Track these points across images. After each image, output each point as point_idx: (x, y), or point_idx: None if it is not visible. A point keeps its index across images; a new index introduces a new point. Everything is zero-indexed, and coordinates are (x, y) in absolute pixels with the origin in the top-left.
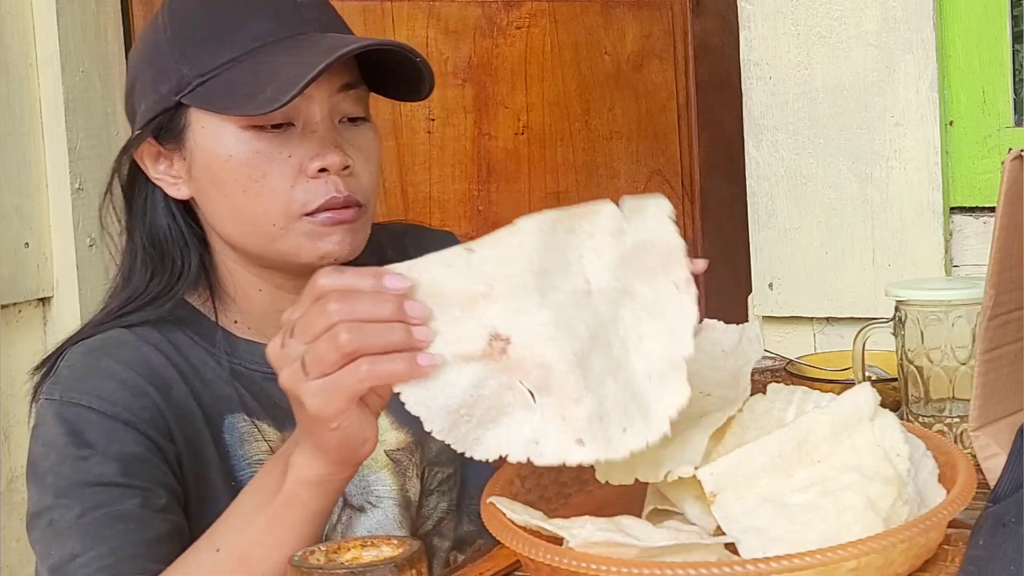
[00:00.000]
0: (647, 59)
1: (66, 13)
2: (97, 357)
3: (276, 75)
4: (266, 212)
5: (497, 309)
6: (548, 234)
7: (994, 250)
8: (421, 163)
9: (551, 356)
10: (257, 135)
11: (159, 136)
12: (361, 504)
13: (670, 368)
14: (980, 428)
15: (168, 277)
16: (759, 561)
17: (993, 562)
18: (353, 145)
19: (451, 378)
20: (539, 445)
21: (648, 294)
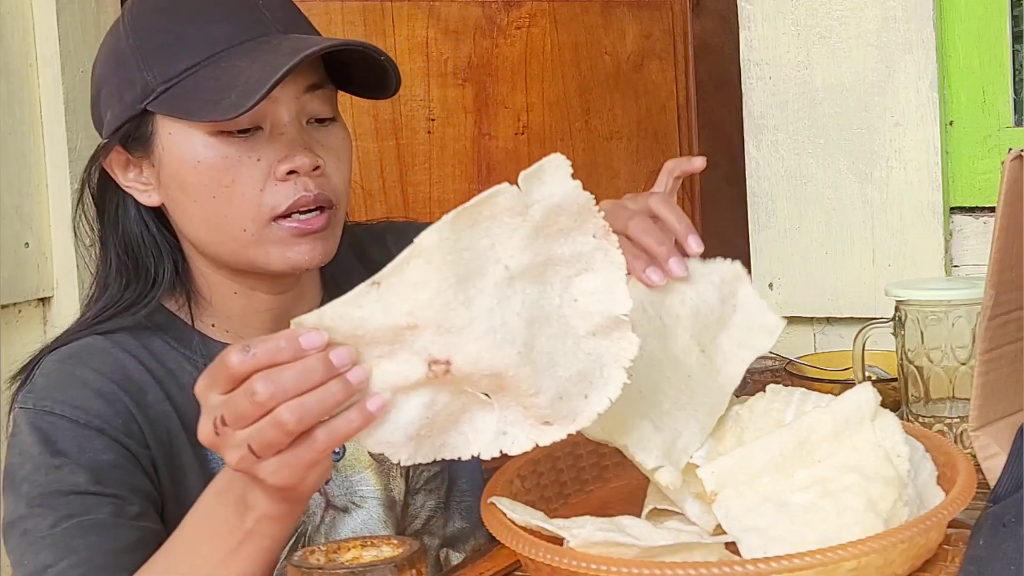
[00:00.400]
0: (647, 59)
1: (66, 13)
2: (71, 365)
3: (238, 80)
4: (236, 217)
5: (428, 335)
6: (451, 239)
7: (994, 250)
8: (421, 163)
9: (496, 364)
10: (225, 140)
11: (127, 144)
12: (345, 505)
13: (612, 323)
14: (980, 428)
15: (143, 284)
16: (759, 561)
17: (993, 562)
18: (323, 145)
19: (402, 409)
20: (507, 435)
21: (569, 253)
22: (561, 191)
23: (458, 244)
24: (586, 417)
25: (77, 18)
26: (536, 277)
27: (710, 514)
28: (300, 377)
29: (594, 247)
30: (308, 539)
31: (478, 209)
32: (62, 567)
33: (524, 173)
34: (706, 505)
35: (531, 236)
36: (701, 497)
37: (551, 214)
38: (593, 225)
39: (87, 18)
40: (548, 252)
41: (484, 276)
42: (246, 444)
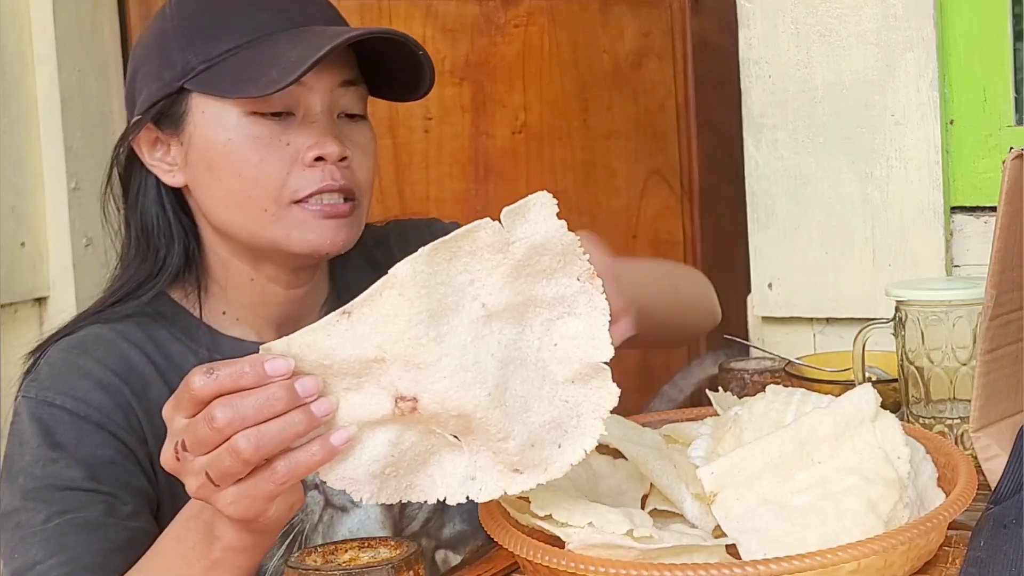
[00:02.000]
0: (646, 58)
1: (62, 12)
2: (75, 355)
3: (279, 59)
4: (258, 197)
5: (395, 370)
6: (427, 272)
7: (995, 250)
8: (418, 162)
9: (465, 405)
10: (257, 121)
11: (159, 122)
12: (343, 504)
13: (592, 371)
14: (981, 429)
15: (151, 267)
16: (758, 563)
17: (993, 564)
18: (351, 140)
19: (367, 445)
20: (476, 480)
21: (551, 295)
22: (545, 230)
23: (433, 278)
24: (558, 468)
25: (73, 17)
26: (515, 318)
27: (709, 515)
28: (261, 405)
29: (578, 291)
30: (305, 538)
31: (457, 243)
32: (50, 564)
33: (507, 209)
34: (705, 506)
35: (512, 275)
36: (700, 498)
37: (533, 253)
38: (578, 268)
39: (83, 17)
40: (529, 292)
41: (459, 312)
42: (204, 471)
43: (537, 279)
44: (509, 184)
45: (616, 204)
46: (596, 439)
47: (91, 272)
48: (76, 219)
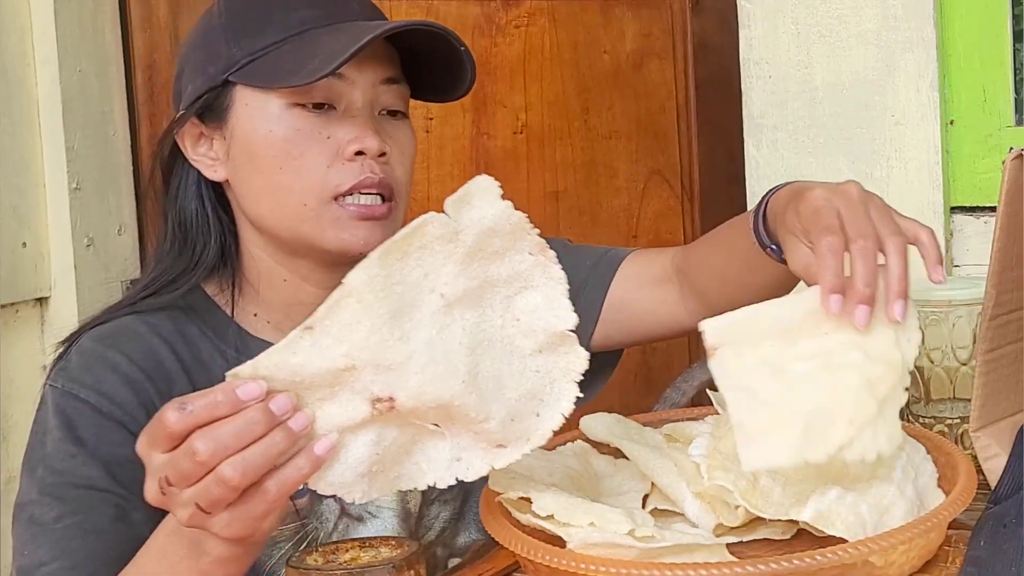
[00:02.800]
0: (646, 58)
1: (64, 13)
2: (105, 346)
3: (320, 50)
4: (299, 190)
5: (367, 375)
6: (381, 275)
7: (995, 250)
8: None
9: (442, 395)
10: (298, 114)
11: (203, 116)
12: (360, 514)
13: (558, 339)
14: (981, 429)
15: (187, 261)
16: (758, 562)
17: (994, 563)
18: (391, 137)
19: (350, 448)
20: (462, 461)
21: (506, 274)
22: (492, 213)
23: (389, 279)
24: (541, 435)
25: (75, 18)
26: (474, 302)
27: (709, 514)
28: (241, 431)
29: (532, 264)
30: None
31: (407, 241)
32: (54, 567)
33: (450, 199)
34: (705, 505)
35: (465, 261)
36: (701, 497)
37: (484, 237)
38: (528, 243)
39: (84, 18)
40: (484, 275)
41: (420, 308)
42: (193, 503)
43: (490, 261)
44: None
45: (617, 204)
46: (572, 402)
47: (92, 272)
48: (77, 219)
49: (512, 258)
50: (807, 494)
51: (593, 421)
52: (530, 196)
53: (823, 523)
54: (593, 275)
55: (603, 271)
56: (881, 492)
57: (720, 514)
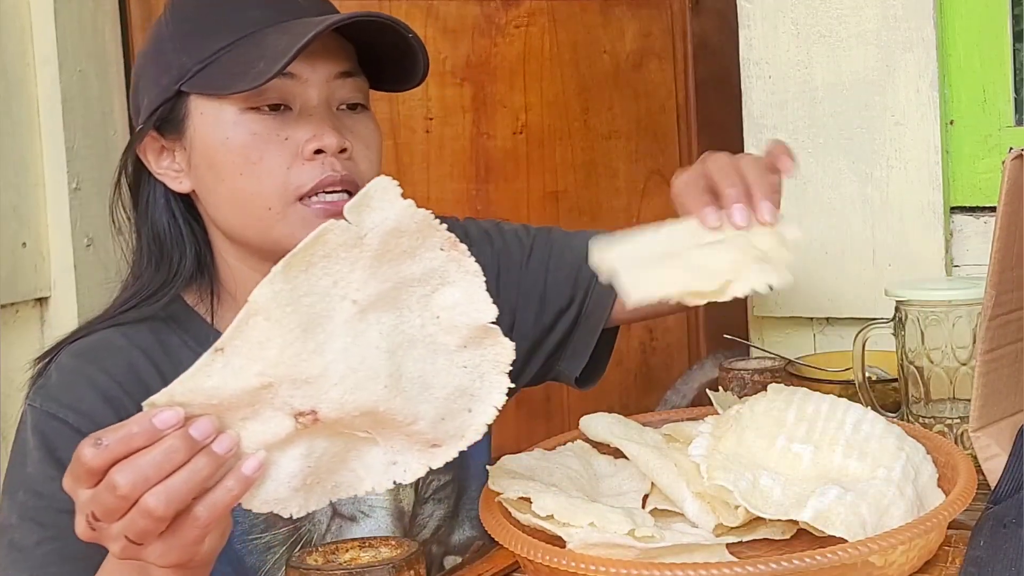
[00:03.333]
0: (646, 58)
1: (64, 12)
2: (84, 362)
3: (267, 51)
4: (262, 195)
5: (285, 390)
6: (287, 290)
7: (995, 250)
8: (419, 163)
9: (364, 403)
10: (254, 117)
11: (161, 129)
12: (352, 514)
13: (482, 333)
14: (981, 429)
15: (166, 273)
16: (758, 562)
17: (993, 563)
18: (352, 131)
19: (280, 464)
20: (398, 464)
21: (420, 272)
22: (394, 213)
23: (295, 292)
24: (475, 431)
25: (75, 18)
26: (390, 304)
27: (709, 514)
28: (161, 461)
29: (445, 260)
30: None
31: (309, 251)
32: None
33: (349, 204)
34: (705, 505)
35: (374, 265)
36: (701, 496)
37: (390, 238)
38: (438, 239)
39: (84, 18)
40: (397, 276)
41: (332, 317)
42: (123, 536)
43: (401, 261)
44: (510, 184)
45: (617, 204)
46: (504, 394)
47: (92, 272)
48: (77, 219)
49: (423, 256)
50: (807, 494)
51: (593, 421)
52: (530, 196)
53: (823, 523)
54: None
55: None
56: (881, 492)
57: (720, 514)
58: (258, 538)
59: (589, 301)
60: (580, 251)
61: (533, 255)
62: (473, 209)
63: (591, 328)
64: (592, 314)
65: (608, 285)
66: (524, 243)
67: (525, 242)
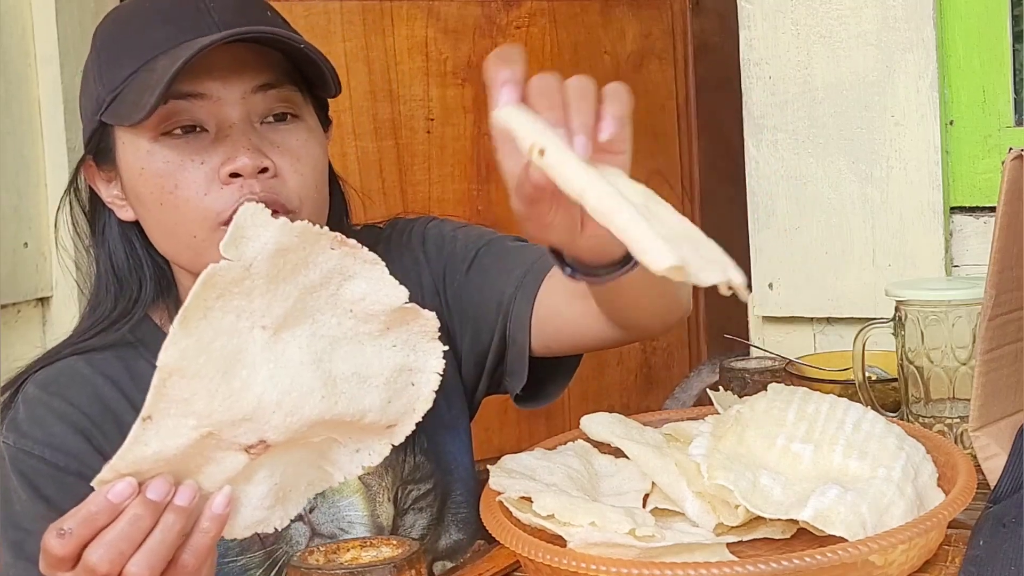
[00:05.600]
0: (647, 59)
1: (65, 12)
2: (49, 395)
3: (154, 79)
4: (184, 223)
5: (227, 433)
6: (192, 343)
7: (994, 250)
8: (420, 163)
9: (309, 418)
10: (167, 144)
11: (98, 159)
12: (332, 532)
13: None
14: (980, 428)
15: (126, 302)
16: (759, 562)
17: (993, 562)
18: (278, 146)
19: (248, 492)
20: (361, 451)
21: (319, 276)
22: (272, 236)
23: (201, 341)
24: (424, 400)
25: (76, 18)
26: (300, 317)
27: (710, 514)
28: (130, 531)
29: (340, 257)
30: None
31: (201, 298)
32: None
33: (223, 243)
34: (706, 504)
35: (270, 288)
36: (701, 496)
37: (276, 259)
38: (326, 241)
39: (86, 17)
40: (297, 289)
41: (247, 350)
42: None
43: (296, 274)
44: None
45: None
46: (441, 357)
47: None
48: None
49: (316, 260)
50: (807, 494)
51: (593, 421)
52: None
53: (823, 523)
54: (522, 288)
55: (530, 283)
56: (881, 491)
57: (720, 513)
58: (233, 561)
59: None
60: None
61: (472, 269)
62: (474, 209)
63: (518, 352)
64: (515, 340)
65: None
66: (467, 255)
67: (468, 254)
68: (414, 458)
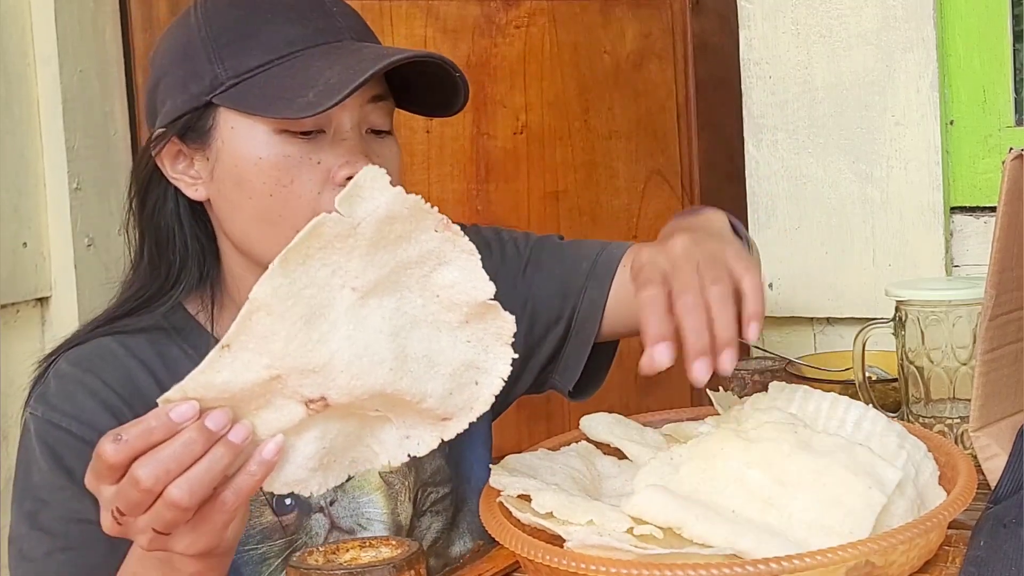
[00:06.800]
0: (646, 58)
1: (64, 12)
2: (82, 371)
3: (316, 80)
4: (290, 216)
5: (294, 380)
6: (286, 284)
7: (994, 250)
8: (420, 163)
9: (372, 387)
10: (287, 140)
11: (183, 135)
12: (351, 527)
13: (482, 309)
14: (981, 429)
15: (164, 282)
16: (758, 562)
17: (993, 563)
18: (379, 156)
19: (296, 447)
20: (411, 438)
21: (416, 254)
22: (385, 201)
23: (295, 285)
24: (483, 402)
25: (75, 18)
26: (389, 288)
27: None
28: (181, 453)
29: (440, 241)
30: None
31: (305, 244)
32: None
33: (340, 196)
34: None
35: (370, 252)
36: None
37: (383, 226)
38: (432, 221)
39: (85, 17)
40: (394, 260)
41: (333, 306)
42: (150, 528)
43: (397, 246)
44: (510, 184)
45: (617, 204)
46: (509, 365)
47: (93, 272)
48: (78, 219)
49: (418, 238)
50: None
51: (593, 421)
52: (530, 196)
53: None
54: (593, 275)
55: (602, 272)
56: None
57: None
58: (254, 549)
59: (578, 316)
60: (571, 264)
61: (528, 266)
62: (473, 209)
63: (581, 343)
64: (582, 329)
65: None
66: (522, 253)
67: (523, 252)
68: (435, 462)
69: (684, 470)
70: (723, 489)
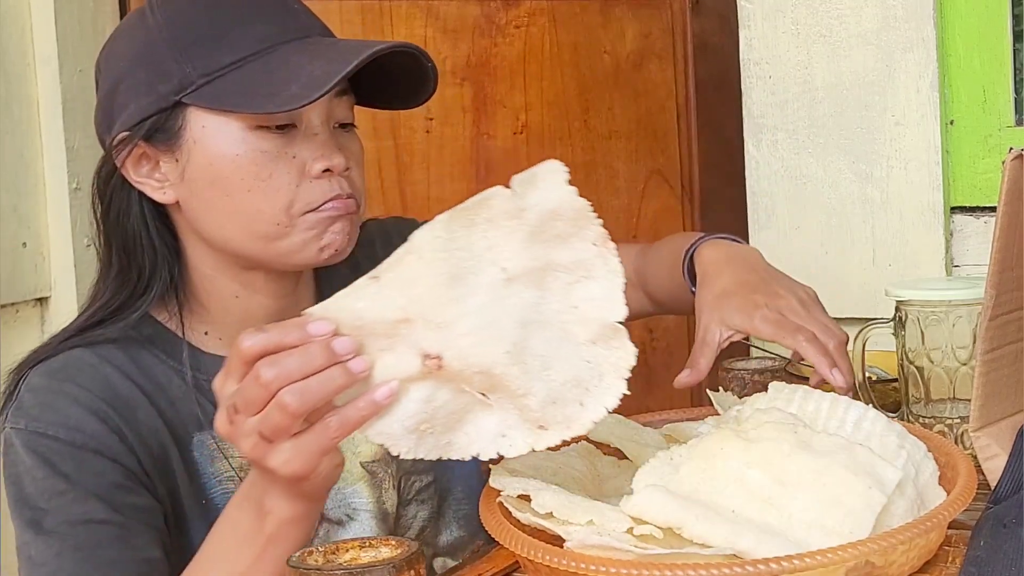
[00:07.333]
0: (646, 58)
1: (64, 12)
2: (58, 381)
3: (299, 74)
4: (270, 211)
5: (419, 330)
6: (444, 238)
7: (995, 250)
8: (419, 162)
9: (484, 360)
10: (263, 135)
11: (149, 138)
12: (339, 518)
13: (611, 331)
14: (981, 429)
15: (133, 288)
16: (758, 562)
17: (993, 563)
18: (347, 149)
19: (401, 402)
20: (506, 437)
21: (568, 260)
22: (556, 196)
23: (451, 243)
24: (581, 425)
25: (75, 18)
26: (535, 281)
27: None
28: (303, 362)
29: (594, 255)
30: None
31: (475, 211)
32: None
33: (517, 177)
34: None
35: (528, 240)
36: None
37: (547, 219)
38: (593, 232)
39: (85, 17)
40: (547, 258)
41: (478, 276)
42: (256, 431)
43: (553, 244)
44: None
45: (617, 204)
46: (618, 398)
47: (93, 272)
48: (77, 219)
49: (575, 245)
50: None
51: None
52: None
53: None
54: None
55: None
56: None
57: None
58: None
59: None
60: None
61: None
62: None
63: None
64: None
65: None
66: None
67: None
68: None
69: (684, 470)
70: (723, 489)
